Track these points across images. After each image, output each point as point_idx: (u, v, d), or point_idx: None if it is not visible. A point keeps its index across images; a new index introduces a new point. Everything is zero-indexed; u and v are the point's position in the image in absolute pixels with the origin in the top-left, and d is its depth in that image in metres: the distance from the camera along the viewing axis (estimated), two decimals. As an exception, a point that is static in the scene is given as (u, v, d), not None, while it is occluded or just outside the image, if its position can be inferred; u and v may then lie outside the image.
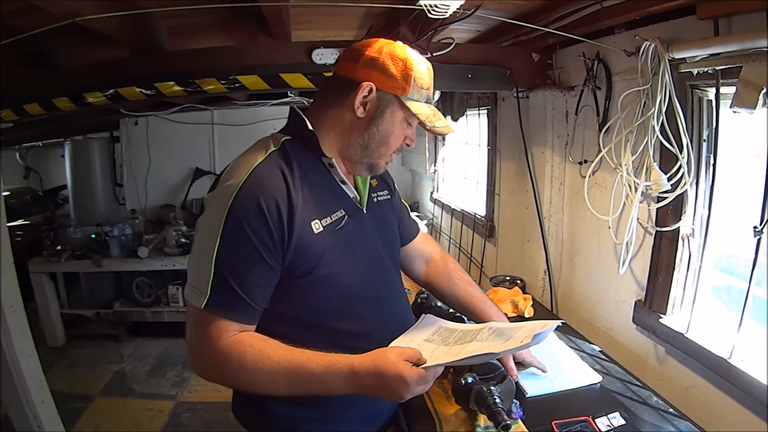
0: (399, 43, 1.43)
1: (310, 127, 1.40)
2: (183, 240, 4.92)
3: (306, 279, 1.34)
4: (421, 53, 2.53)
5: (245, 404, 1.55)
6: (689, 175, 1.91)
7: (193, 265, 1.30)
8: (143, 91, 2.68)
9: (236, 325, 1.26)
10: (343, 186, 1.46)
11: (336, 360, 1.21)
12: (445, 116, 4.36)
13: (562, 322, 1.36)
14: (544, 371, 1.81)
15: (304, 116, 1.42)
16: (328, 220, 1.37)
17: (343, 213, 1.42)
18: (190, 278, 1.29)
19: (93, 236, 5.02)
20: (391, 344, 1.36)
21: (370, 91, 1.36)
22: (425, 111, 1.41)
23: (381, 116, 1.39)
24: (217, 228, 1.23)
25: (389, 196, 1.70)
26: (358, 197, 1.51)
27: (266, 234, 1.25)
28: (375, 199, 1.60)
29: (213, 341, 1.23)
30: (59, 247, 4.90)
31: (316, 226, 1.34)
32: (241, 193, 1.24)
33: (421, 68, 1.40)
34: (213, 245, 1.22)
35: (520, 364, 1.80)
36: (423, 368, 1.17)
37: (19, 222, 6.15)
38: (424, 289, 2.25)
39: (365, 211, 1.52)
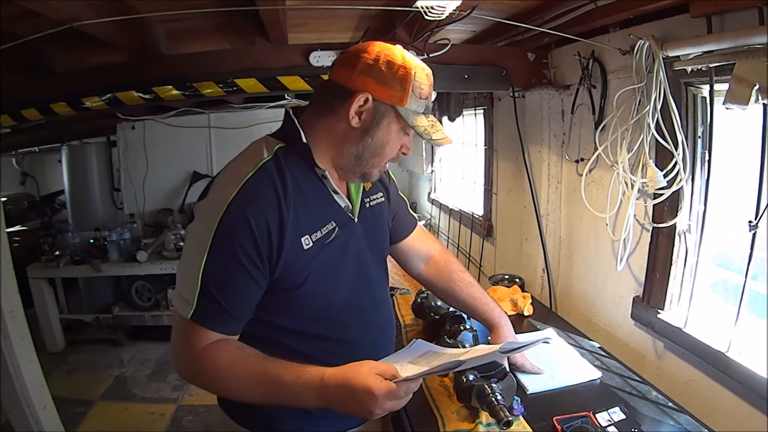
0: (398, 47, 1.36)
1: (304, 139, 1.36)
2: (182, 244, 4.89)
3: (293, 292, 1.34)
4: (418, 54, 2.57)
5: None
6: (685, 172, 1.92)
7: (181, 274, 1.30)
8: (141, 95, 2.68)
9: (218, 335, 1.27)
10: (335, 196, 1.43)
11: (307, 371, 1.19)
12: (441, 117, 4.42)
13: (550, 340, 1.37)
14: (538, 374, 1.84)
15: (298, 125, 1.38)
16: (319, 234, 1.36)
17: (334, 225, 1.40)
18: (178, 286, 1.30)
19: (91, 241, 5.02)
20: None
21: (366, 101, 1.31)
22: (423, 123, 1.36)
23: (377, 127, 1.35)
24: (205, 242, 1.22)
25: (383, 199, 1.67)
26: (350, 206, 1.48)
27: (254, 251, 1.24)
28: (367, 204, 1.58)
29: (193, 347, 1.25)
30: (58, 253, 4.91)
31: (306, 241, 1.32)
32: (231, 208, 1.23)
33: (420, 76, 1.33)
34: (201, 259, 1.22)
35: (516, 367, 1.83)
36: (394, 383, 1.12)
37: (17, 228, 6.12)
38: (423, 289, 2.27)
39: (356, 221, 1.49)
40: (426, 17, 2.00)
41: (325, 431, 1.51)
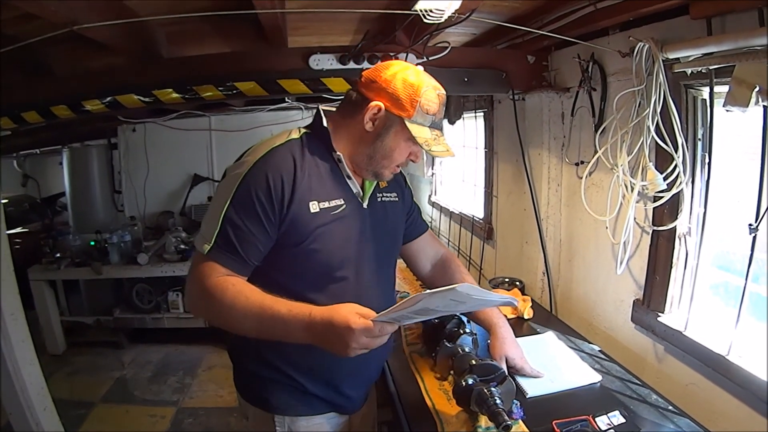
0: (418, 68, 1.57)
1: (325, 124, 1.58)
2: (182, 246, 4.91)
3: (295, 249, 1.49)
4: (417, 57, 2.57)
5: (237, 372, 1.76)
6: (685, 174, 1.92)
7: (206, 219, 1.49)
8: (141, 98, 2.68)
9: (227, 271, 1.44)
10: (348, 180, 1.61)
11: (299, 305, 1.33)
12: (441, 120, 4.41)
13: (516, 302, 1.45)
14: (538, 377, 1.84)
15: (323, 115, 1.60)
16: (326, 204, 1.52)
17: (342, 202, 1.56)
18: (202, 230, 1.48)
19: (92, 243, 5.01)
20: None
21: (379, 110, 1.51)
22: (425, 135, 1.53)
23: (386, 133, 1.54)
24: (230, 192, 1.44)
25: (397, 199, 1.80)
26: (361, 193, 1.64)
27: (268, 202, 1.43)
28: (379, 199, 1.72)
29: (203, 278, 1.42)
30: (58, 255, 4.91)
31: (314, 206, 1.50)
32: (255, 167, 1.45)
33: (431, 95, 1.52)
34: (224, 204, 1.43)
35: (515, 370, 1.83)
36: (370, 320, 1.25)
37: (18, 230, 6.12)
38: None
39: (365, 206, 1.64)
40: (425, 20, 1.99)
41: (315, 412, 1.67)
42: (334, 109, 1.66)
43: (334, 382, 1.63)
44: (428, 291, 1.23)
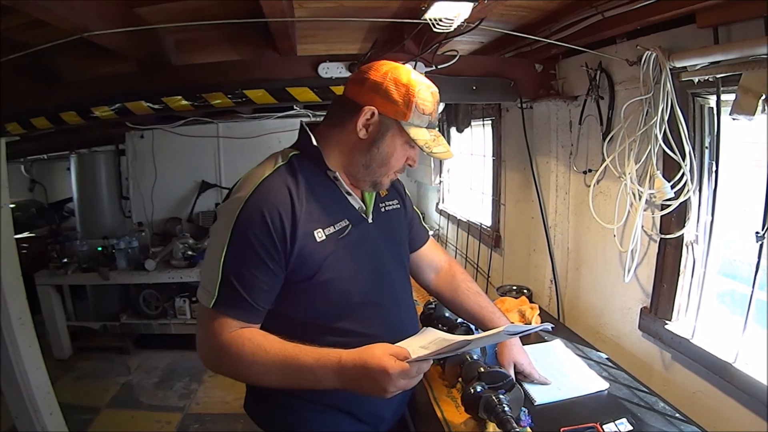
0: (406, 67, 1.47)
1: (314, 142, 1.47)
2: (190, 253, 4.94)
3: (307, 283, 1.42)
4: (426, 66, 2.58)
5: (253, 398, 1.66)
6: (692, 183, 1.92)
7: (205, 269, 1.39)
8: (151, 105, 2.70)
9: (238, 323, 1.35)
10: (348, 197, 1.53)
11: (326, 353, 1.27)
12: (450, 127, 4.45)
13: (551, 326, 1.42)
14: (546, 384, 1.84)
15: (310, 132, 1.50)
16: (332, 229, 1.45)
17: (347, 222, 1.50)
18: (202, 281, 1.39)
19: (99, 249, 5.04)
20: None
21: (372, 114, 1.41)
22: (425, 136, 1.45)
23: (382, 139, 1.45)
24: (225, 236, 1.33)
25: (399, 206, 1.75)
26: (364, 207, 1.57)
27: (269, 242, 1.34)
28: (383, 209, 1.66)
29: (216, 335, 1.33)
30: (65, 260, 4.92)
31: (319, 234, 1.42)
32: (248, 204, 1.34)
33: (425, 94, 1.43)
34: (221, 252, 1.33)
35: (523, 376, 1.83)
36: (407, 362, 1.21)
37: (25, 234, 6.14)
38: (432, 300, 2.27)
39: (370, 221, 1.58)
40: (434, 29, 2.01)
41: None
42: (310, 115, 1.58)
43: (365, 407, 1.57)
44: (474, 336, 1.26)
